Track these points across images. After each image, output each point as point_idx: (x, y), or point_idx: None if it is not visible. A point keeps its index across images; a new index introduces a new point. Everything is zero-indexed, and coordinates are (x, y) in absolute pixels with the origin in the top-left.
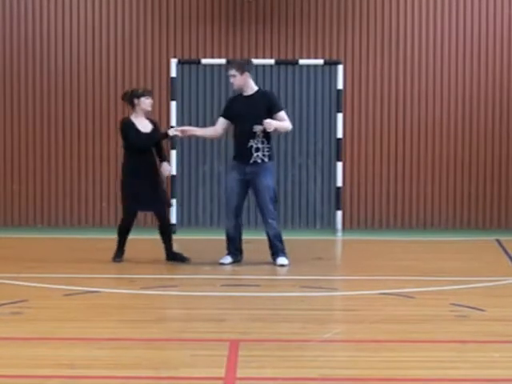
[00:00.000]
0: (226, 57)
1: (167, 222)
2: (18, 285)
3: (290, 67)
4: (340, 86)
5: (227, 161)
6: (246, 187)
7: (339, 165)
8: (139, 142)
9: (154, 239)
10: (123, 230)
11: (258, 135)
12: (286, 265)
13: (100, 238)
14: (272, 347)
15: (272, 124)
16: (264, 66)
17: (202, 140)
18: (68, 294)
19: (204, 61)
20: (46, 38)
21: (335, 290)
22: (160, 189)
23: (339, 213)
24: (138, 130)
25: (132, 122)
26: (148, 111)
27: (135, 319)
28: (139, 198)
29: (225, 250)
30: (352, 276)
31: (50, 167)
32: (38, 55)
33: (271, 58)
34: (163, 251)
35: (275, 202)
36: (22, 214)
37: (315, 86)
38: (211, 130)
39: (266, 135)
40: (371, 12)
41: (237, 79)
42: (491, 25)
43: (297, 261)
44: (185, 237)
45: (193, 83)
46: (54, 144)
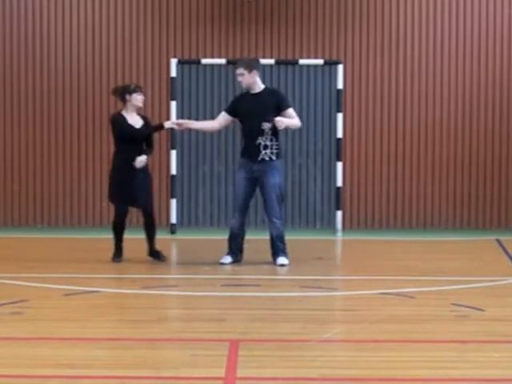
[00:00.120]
0: (226, 57)
1: (153, 218)
2: (18, 285)
3: (290, 67)
4: (340, 85)
5: (227, 161)
6: (253, 185)
7: (339, 165)
8: (131, 134)
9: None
10: (117, 227)
11: (266, 132)
12: (286, 265)
13: (100, 238)
14: (272, 347)
15: (283, 122)
16: (264, 65)
17: (202, 140)
18: (68, 294)
19: (204, 61)
20: (46, 38)
21: (335, 289)
22: (148, 185)
23: (339, 213)
24: (130, 124)
25: (123, 117)
26: (139, 107)
27: (135, 319)
28: (127, 193)
29: (225, 250)
30: (352, 276)
31: (50, 167)
32: (38, 55)
33: (271, 57)
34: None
35: (282, 201)
36: (22, 213)
37: (315, 86)
38: (210, 122)
39: (274, 133)
40: (371, 12)
41: (245, 77)
42: (491, 25)
43: (297, 261)
44: (185, 237)
45: (193, 83)
46: (54, 144)
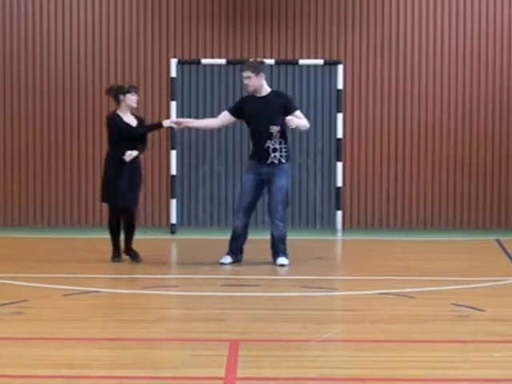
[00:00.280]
0: (226, 57)
1: (135, 217)
2: (17, 285)
3: (290, 67)
4: (340, 85)
5: (227, 161)
6: (261, 187)
7: (339, 165)
8: (128, 133)
9: (154, 239)
10: (114, 227)
11: (274, 136)
12: (286, 265)
13: (100, 238)
14: (272, 347)
15: (294, 121)
16: None
17: (202, 140)
18: (68, 294)
19: (204, 61)
20: (46, 38)
21: (335, 289)
22: (139, 185)
23: (339, 213)
24: (126, 123)
25: (119, 116)
26: (133, 107)
27: (135, 319)
28: (122, 192)
29: (225, 250)
30: (352, 276)
31: (50, 167)
32: (38, 55)
33: (271, 57)
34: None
35: (287, 204)
36: (22, 214)
37: (315, 85)
38: (209, 120)
39: (283, 135)
40: (371, 12)
41: (252, 80)
42: (491, 25)
43: (297, 261)
44: (185, 237)
45: (193, 83)
46: (54, 144)
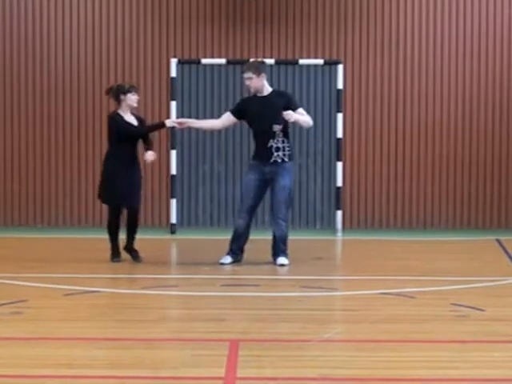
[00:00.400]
0: (226, 57)
1: (138, 219)
2: (17, 285)
3: (290, 67)
4: (340, 85)
5: (227, 160)
6: (264, 187)
7: (339, 165)
8: (131, 132)
9: (154, 239)
10: (113, 228)
11: (277, 135)
12: (286, 265)
13: (100, 238)
14: (272, 347)
15: (292, 115)
16: None
17: (202, 139)
18: (68, 294)
19: (204, 61)
20: (46, 38)
21: (335, 289)
22: (140, 184)
23: (339, 213)
24: (128, 122)
25: (121, 116)
26: (134, 107)
27: (135, 319)
28: (123, 193)
29: (225, 250)
30: (352, 276)
31: (50, 167)
32: (38, 55)
33: (271, 57)
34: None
35: (290, 203)
36: (22, 214)
37: (315, 85)
38: (211, 121)
39: (286, 134)
40: (371, 12)
41: (253, 81)
42: (491, 25)
43: (297, 261)
44: (185, 237)
45: (193, 83)
46: (54, 144)
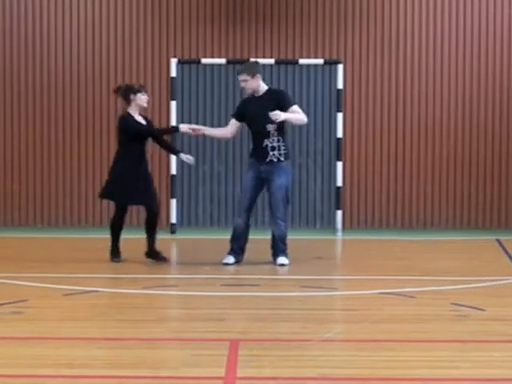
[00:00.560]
0: (226, 57)
1: (157, 218)
2: (18, 285)
3: (290, 67)
4: (340, 85)
5: (227, 160)
6: (261, 186)
7: (339, 164)
8: (143, 132)
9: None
10: (117, 227)
11: (272, 134)
12: (286, 264)
13: (100, 238)
14: (272, 347)
15: (279, 114)
16: (264, 65)
17: (202, 140)
18: (68, 294)
19: (204, 61)
20: (46, 38)
21: (335, 289)
22: (150, 185)
23: (339, 212)
24: (139, 122)
25: (131, 116)
26: (143, 107)
27: (135, 319)
28: (134, 191)
29: (225, 250)
30: (352, 275)
31: (50, 167)
32: (38, 55)
33: (271, 57)
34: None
35: (287, 202)
36: (22, 214)
37: (315, 85)
38: (222, 130)
39: (281, 133)
40: (371, 12)
41: (249, 83)
42: (491, 25)
43: (297, 260)
44: (185, 237)
45: (193, 83)
46: (54, 144)
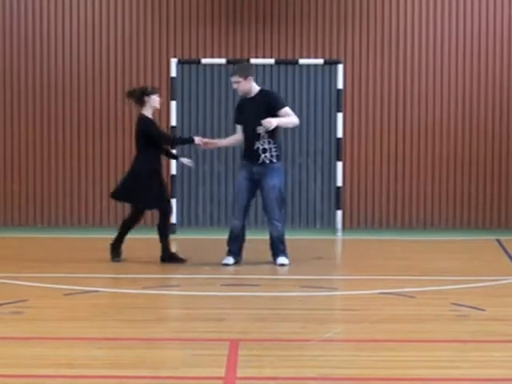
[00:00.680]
0: (226, 57)
1: (169, 220)
2: (18, 285)
3: (290, 67)
4: (340, 85)
5: (227, 161)
6: (254, 187)
7: (339, 164)
8: (166, 138)
9: (154, 239)
10: (128, 228)
11: (262, 136)
12: (286, 264)
13: (100, 238)
14: (272, 347)
15: (271, 122)
16: (264, 65)
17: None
18: (68, 294)
19: (204, 61)
20: (46, 38)
21: (335, 289)
22: (166, 186)
23: (339, 212)
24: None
25: (151, 118)
26: (157, 108)
27: (135, 319)
28: (155, 196)
29: (226, 250)
30: (352, 275)
31: (50, 167)
32: (38, 55)
33: (271, 57)
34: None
35: (282, 203)
36: (22, 214)
37: (315, 85)
38: (234, 138)
39: (272, 135)
40: (371, 12)
41: (241, 85)
42: (491, 25)
43: (297, 260)
44: (185, 237)
45: (193, 83)
46: (54, 144)
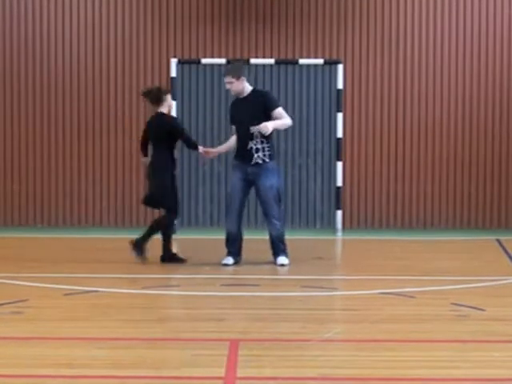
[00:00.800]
0: (226, 57)
1: (173, 221)
2: (18, 285)
3: (290, 67)
4: (340, 85)
5: (227, 161)
6: (248, 187)
7: (339, 164)
8: (189, 136)
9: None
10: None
11: (255, 136)
12: (286, 264)
13: (100, 238)
14: (272, 347)
15: (268, 127)
16: (264, 65)
17: (202, 140)
18: (68, 294)
19: (204, 61)
20: (46, 38)
21: (335, 289)
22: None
23: (339, 212)
24: None
25: (172, 116)
26: (172, 108)
27: (135, 319)
28: (177, 198)
29: (225, 250)
30: (352, 276)
31: (50, 167)
32: (38, 55)
33: (271, 57)
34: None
35: (280, 201)
36: (22, 214)
37: (315, 85)
38: (230, 142)
39: (265, 135)
40: (371, 12)
41: (234, 85)
42: (491, 25)
43: (297, 260)
44: (185, 237)
45: (193, 83)
46: (54, 144)
